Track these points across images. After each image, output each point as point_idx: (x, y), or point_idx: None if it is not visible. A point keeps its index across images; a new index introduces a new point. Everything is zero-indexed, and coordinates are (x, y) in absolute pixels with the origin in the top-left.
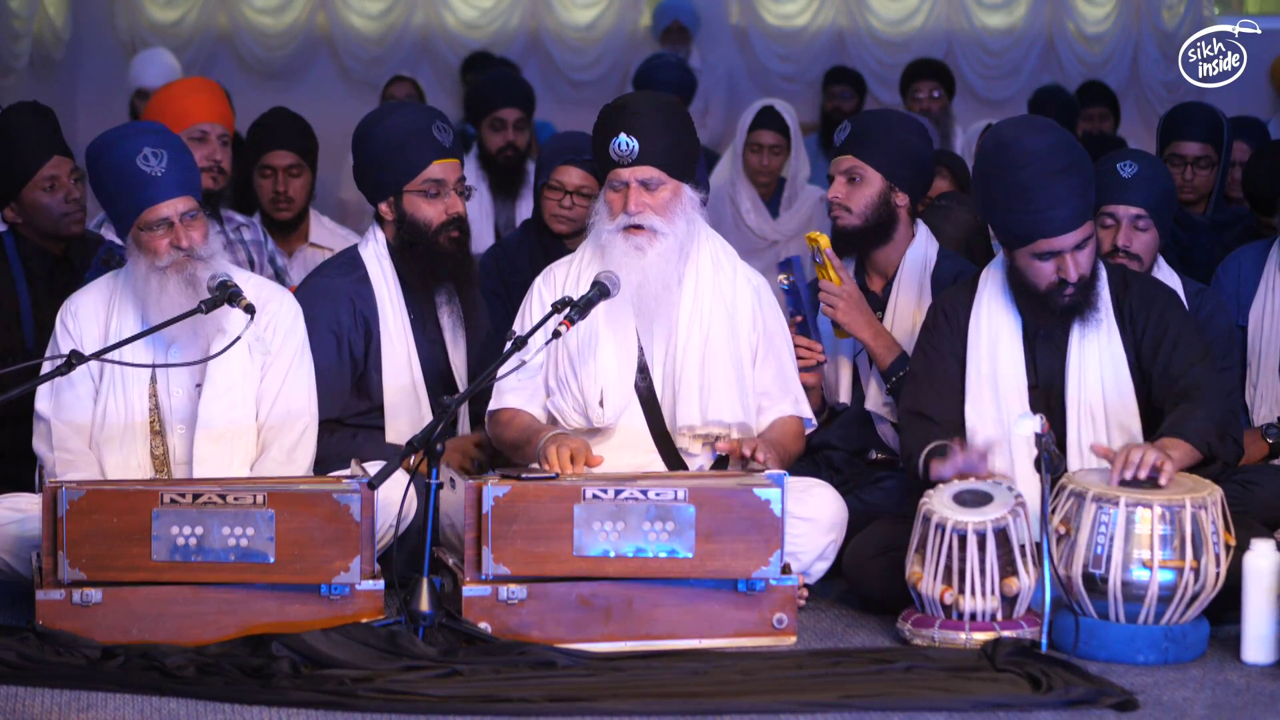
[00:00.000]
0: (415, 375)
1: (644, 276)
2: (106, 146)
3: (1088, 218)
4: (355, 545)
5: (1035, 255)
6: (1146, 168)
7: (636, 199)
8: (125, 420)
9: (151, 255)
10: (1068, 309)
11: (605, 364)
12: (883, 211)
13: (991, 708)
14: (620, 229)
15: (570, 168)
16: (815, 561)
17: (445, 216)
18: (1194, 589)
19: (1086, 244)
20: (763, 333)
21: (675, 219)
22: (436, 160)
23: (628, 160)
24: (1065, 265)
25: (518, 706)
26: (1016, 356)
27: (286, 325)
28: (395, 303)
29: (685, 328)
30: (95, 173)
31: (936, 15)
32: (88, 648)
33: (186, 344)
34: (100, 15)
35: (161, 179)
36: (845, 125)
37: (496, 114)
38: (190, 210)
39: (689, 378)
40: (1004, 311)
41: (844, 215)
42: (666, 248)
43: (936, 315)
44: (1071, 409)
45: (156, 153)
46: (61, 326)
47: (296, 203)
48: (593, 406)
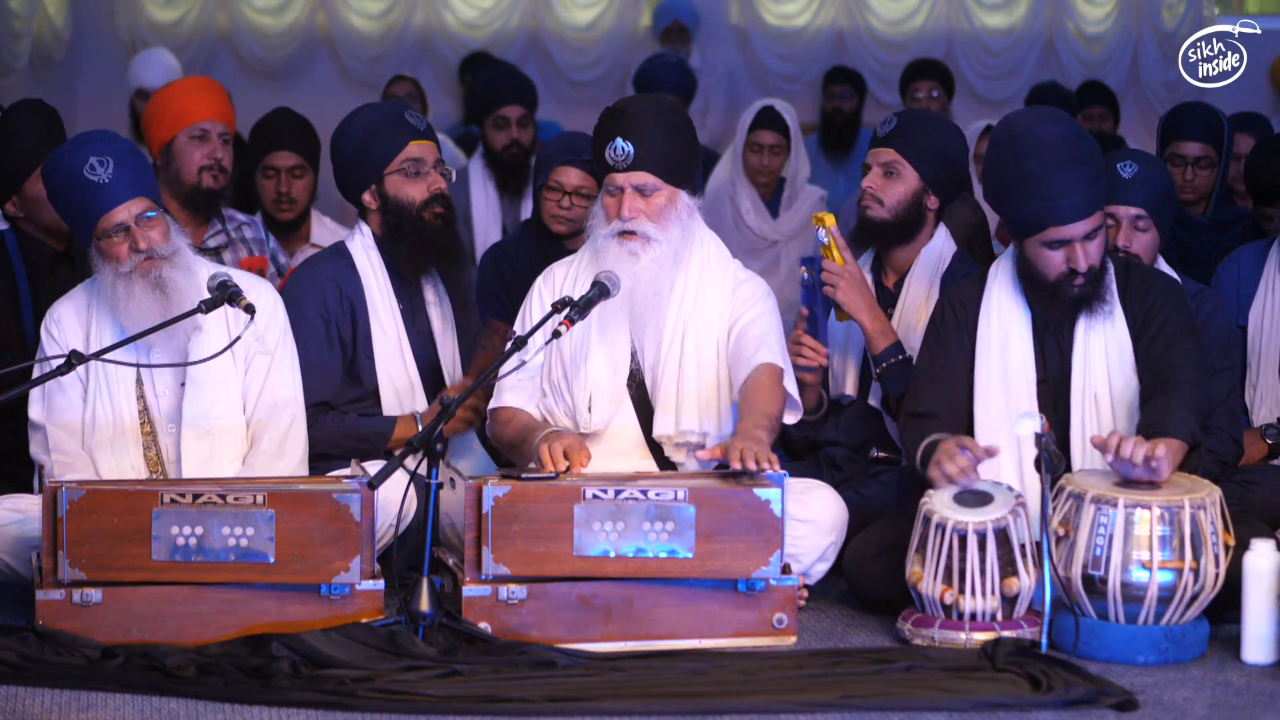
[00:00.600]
0: (409, 365)
1: (636, 281)
2: (55, 163)
3: (1098, 207)
4: (355, 545)
5: (1045, 244)
6: (1146, 168)
7: (630, 204)
8: (115, 423)
9: (114, 262)
10: (1077, 300)
11: (596, 369)
12: (912, 210)
13: (991, 708)
14: (614, 234)
15: (569, 168)
16: (815, 563)
17: (428, 193)
18: (1193, 590)
19: (1096, 234)
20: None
21: (669, 225)
22: (413, 141)
23: (623, 165)
24: (1075, 255)
25: (518, 706)
26: (1026, 350)
27: (267, 316)
28: (384, 292)
29: (670, 336)
30: (51, 191)
31: (936, 15)
32: (88, 648)
33: (164, 345)
34: (100, 15)
35: (110, 185)
36: (891, 118)
37: (499, 112)
38: (146, 210)
39: (667, 385)
40: (1014, 305)
41: (875, 207)
42: (660, 254)
43: (944, 310)
44: (1076, 401)
45: (102, 160)
46: (47, 334)
47: (299, 203)
48: (581, 411)
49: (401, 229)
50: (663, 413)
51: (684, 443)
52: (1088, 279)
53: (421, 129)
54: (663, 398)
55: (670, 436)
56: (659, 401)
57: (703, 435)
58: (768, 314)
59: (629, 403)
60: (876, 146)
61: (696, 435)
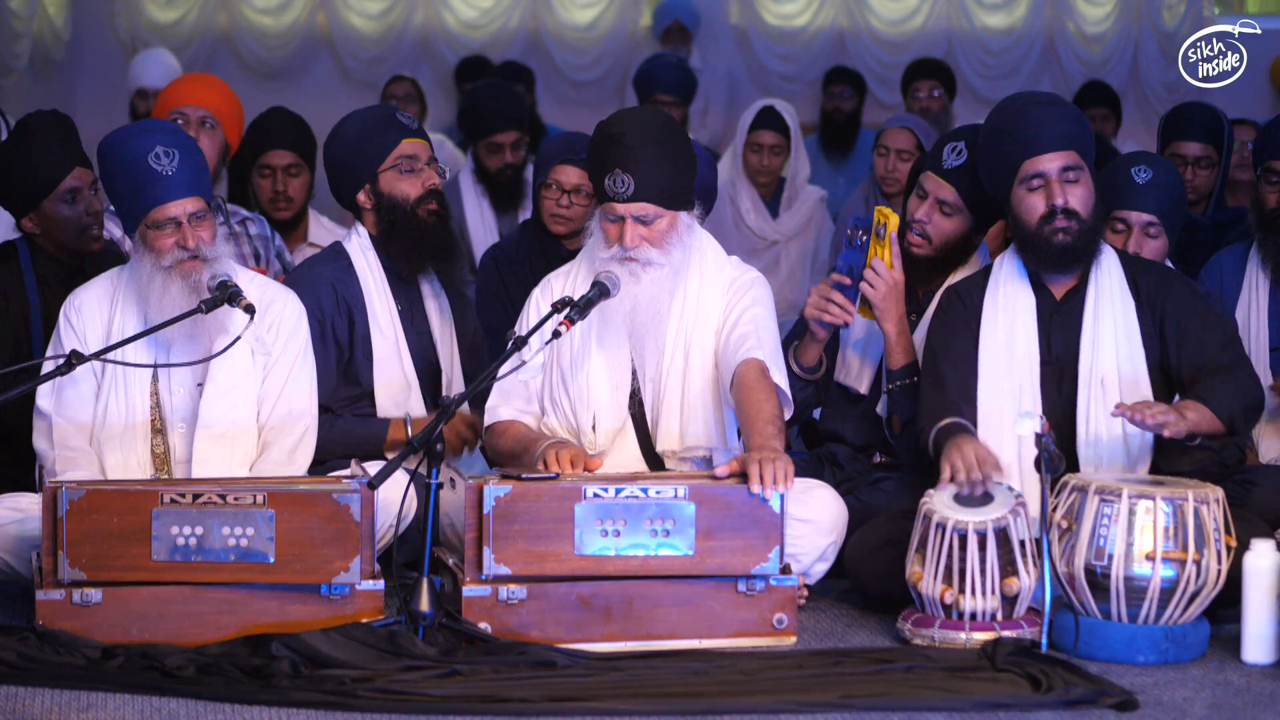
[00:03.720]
0: (406, 366)
1: (636, 302)
2: (119, 142)
3: (1074, 146)
4: (355, 545)
5: (1023, 185)
6: (1161, 173)
7: (632, 234)
8: (126, 419)
9: (157, 254)
10: (1064, 250)
11: (598, 389)
12: (958, 248)
13: (991, 708)
14: (616, 260)
15: (567, 167)
16: (815, 563)
17: (423, 189)
18: (1195, 585)
19: (1076, 176)
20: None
21: (671, 249)
22: (406, 139)
23: (624, 196)
24: (1052, 190)
25: (518, 706)
26: (1030, 332)
27: (290, 326)
28: (382, 292)
29: (670, 351)
30: (105, 168)
31: (936, 15)
32: (88, 648)
33: (186, 346)
34: (100, 15)
35: (172, 178)
36: (961, 150)
37: (493, 138)
38: (199, 211)
39: (670, 400)
40: (1019, 289)
41: (922, 245)
42: (661, 275)
43: (950, 298)
44: (1083, 382)
45: (169, 152)
46: (65, 321)
47: (296, 202)
48: (585, 431)
49: (396, 226)
50: (665, 427)
51: (688, 458)
52: (1072, 222)
53: (413, 128)
54: (665, 412)
55: (675, 451)
56: (661, 416)
57: (708, 450)
58: (755, 305)
59: (630, 420)
60: (940, 176)
61: (702, 450)
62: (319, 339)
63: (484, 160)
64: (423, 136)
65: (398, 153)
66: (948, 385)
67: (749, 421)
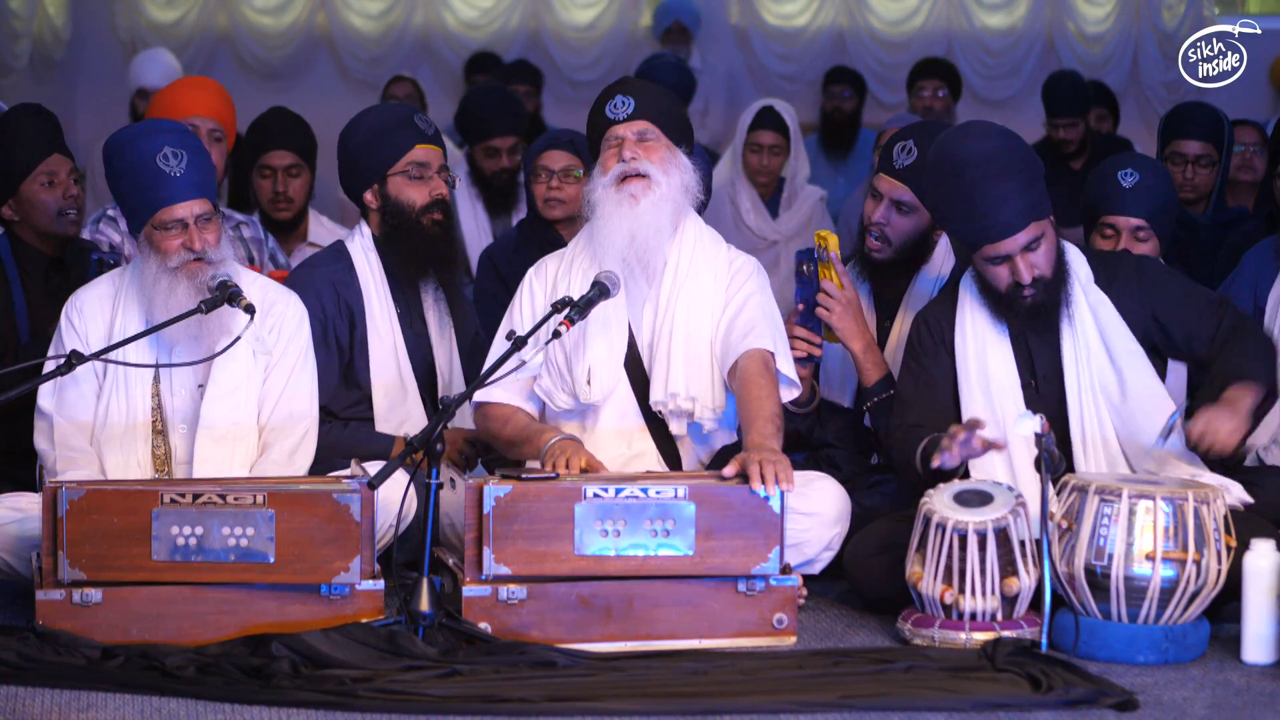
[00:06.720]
0: (403, 368)
1: (636, 224)
2: (127, 141)
3: (1035, 217)
4: (355, 545)
5: (986, 260)
6: (1148, 176)
7: (632, 147)
8: (127, 420)
9: (162, 255)
10: (1033, 309)
11: (594, 344)
12: (918, 245)
13: (991, 708)
14: (614, 181)
15: (553, 151)
16: (822, 552)
17: (429, 198)
18: (1195, 584)
19: (1038, 244)
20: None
21: (670, 171)
22: (419, 144)
23: (624, 115)
24: (1017, 268)
25: (518, 706)
26: (1005, 355)
27: (291, 328)
28: (381, 294)
29: (665, 303)
30: (112, 167)
31: (936, 15)
32: (88, 648)
33: (189, 347)
34: (100, 15)
35: (180, 179)
36: (911, 148)
37: (491, 142)
38: (205, 213)
39: (661, 354)
40: (988, 314)
41: (881, 248)
42: (659, 196)
43: (920, 330)
44: (1071, 395)
45: (177, 153)
46: (66, 322)
47: (296, 203)
48: (580, 385)
49: (399, 231)
50: (658, 379)
51: (678, 409)
52: (1038, 289)
53: (430, 133)
54: (658, 364)
55: (664, 402)
56: (654, 368)
57: (691, 400)
58: (757, 293)
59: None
60: (893, 177)
61: (687, 400)
62: (320, 341)
63: (480, 163)
64: (438, 143)
65: (409, 158)
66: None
67: (748, 419)
